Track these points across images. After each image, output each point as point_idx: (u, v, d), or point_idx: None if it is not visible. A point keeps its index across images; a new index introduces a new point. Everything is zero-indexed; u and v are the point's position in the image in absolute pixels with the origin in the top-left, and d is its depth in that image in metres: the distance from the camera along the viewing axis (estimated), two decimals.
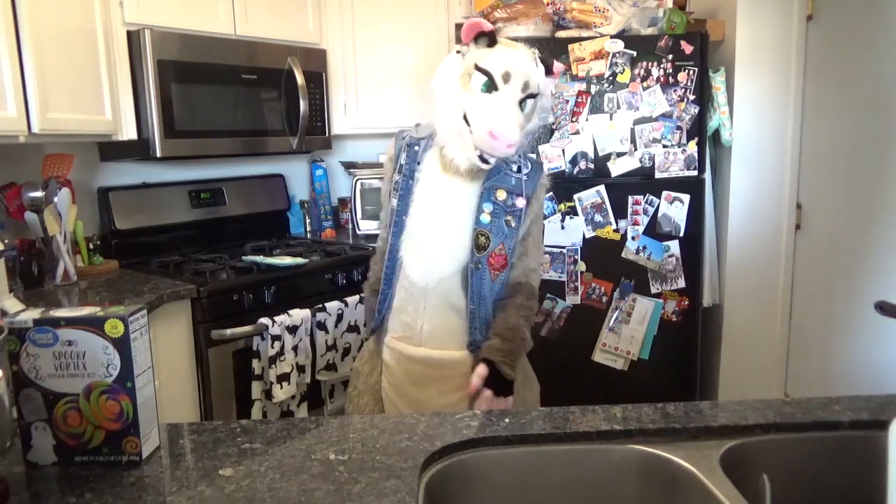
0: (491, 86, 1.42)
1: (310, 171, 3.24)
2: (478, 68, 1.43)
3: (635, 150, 2.55)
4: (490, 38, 1.45)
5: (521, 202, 1.53)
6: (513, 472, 1.07)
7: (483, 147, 1.42)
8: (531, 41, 2.47)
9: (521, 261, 1.55)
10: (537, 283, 1.58)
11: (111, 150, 2.43)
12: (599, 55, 2.49)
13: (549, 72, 1.50)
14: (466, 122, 1.43)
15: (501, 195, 1.52)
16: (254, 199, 2.93)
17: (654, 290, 2.62)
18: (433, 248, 1.51)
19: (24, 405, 0.96)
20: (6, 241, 1.87)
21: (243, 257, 2.46)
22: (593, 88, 2.51)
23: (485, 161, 1.44)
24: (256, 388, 2.16)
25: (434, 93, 1.51)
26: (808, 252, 2.70)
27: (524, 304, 1.51)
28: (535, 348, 1.60)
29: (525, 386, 1.58)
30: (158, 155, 2.27)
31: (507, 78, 1.42)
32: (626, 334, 2.64)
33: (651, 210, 2.58)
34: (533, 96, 1.46)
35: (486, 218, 1.50)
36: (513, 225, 1.52)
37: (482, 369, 1.40)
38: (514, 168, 1.54)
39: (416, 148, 1.53)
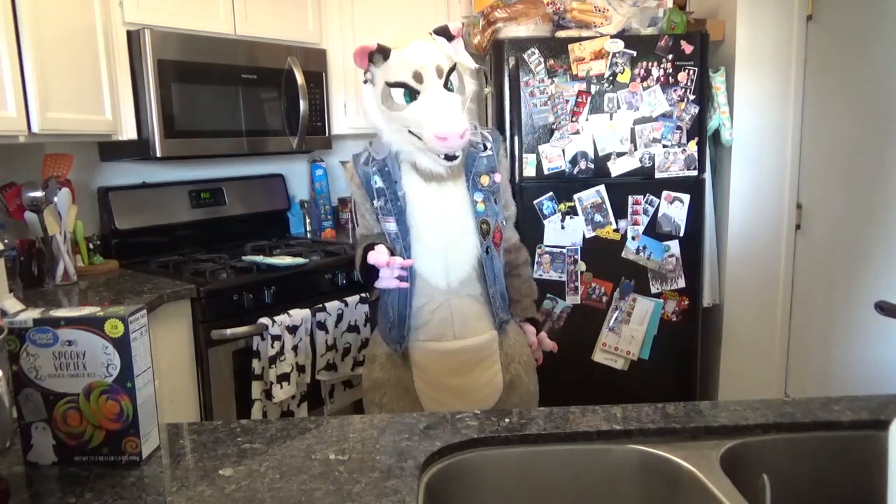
0: (412, 93, 1.42)
1: (310, 171, 3.24)
2: (389, 85, 1.43)
3: (635, 150, 2.54)
4: (383, 52, 1.44)
5: (498, 178, 1.59)
6: (513, 472, 1.06)
7: (440, 150, 1.43)
8: (531, 41, 2.48)
9: (508, 221, 1.68)
10: (516, 231, 1.77)
11: (111, 150, 2.43)
12: (599, 55, 2.49)
13: (450, 38, 1.49)
14: (415, 135, 1.44)
15: (485, 180, 1.56)
16: (254, 199, 2.93)
17: (654, 290, 2.62)
18: (448, 254, 1.54)
19: (24, 405, 0.96)
20: (6, 241, 1.87)
21: (243, 257, 2.46)
22: (593, 88, 2.51)
23: (451, 158, 1.46)
24: (256, 388, 2.16)
25: (375, 127, 1.52)
26: (808, 252, 2.70)
27: (527, 260, 1.74)
28: None
29: (528, 369, 1.71)
30: (158, 155, 2.27)
31: (419, 77, 1.42)
32: (626, 334, 2.64)
33: (651, 210, 2.58)
34: (452, 70, 1.46)
35: (481, 207, 1.55)
36: (498, 201, 1.59)
37: (532, 328, 1.73)
38: (482, 147, 1.57)
39: (387, 168, 1.53)
